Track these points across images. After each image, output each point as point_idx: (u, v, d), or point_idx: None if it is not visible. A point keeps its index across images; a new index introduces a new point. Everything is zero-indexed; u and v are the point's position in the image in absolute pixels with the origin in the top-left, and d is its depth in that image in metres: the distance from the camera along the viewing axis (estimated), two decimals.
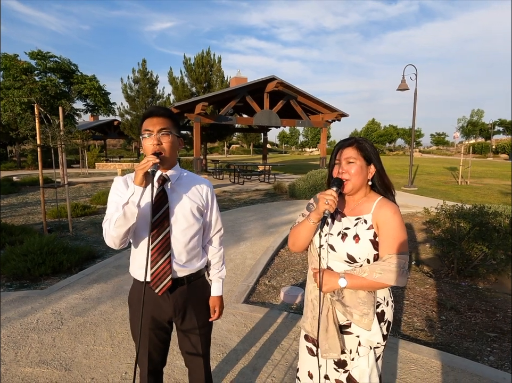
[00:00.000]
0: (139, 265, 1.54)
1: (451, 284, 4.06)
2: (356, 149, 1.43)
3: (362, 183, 1.44)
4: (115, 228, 1.36)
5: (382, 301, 1.43)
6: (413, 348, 2.65)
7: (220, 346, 2.72)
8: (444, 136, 71.44)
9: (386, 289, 1.45)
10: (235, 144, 65.01)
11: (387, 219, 1.37)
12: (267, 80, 12.65)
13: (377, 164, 1.44)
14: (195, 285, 1.63)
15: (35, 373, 2.38)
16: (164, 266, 1.50)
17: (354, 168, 1.42)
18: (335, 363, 1.46)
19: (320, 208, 1.34)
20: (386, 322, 1.43)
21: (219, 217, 1.73)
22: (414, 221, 7.65)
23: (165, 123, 1.47)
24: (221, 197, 10.78)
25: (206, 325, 1.70)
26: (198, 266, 1.63)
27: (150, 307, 1.56)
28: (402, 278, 1.33)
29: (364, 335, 1.39)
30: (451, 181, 15.30)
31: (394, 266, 1.32)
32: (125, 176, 1.54)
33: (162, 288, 1.51)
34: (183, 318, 1.62)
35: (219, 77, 20.69)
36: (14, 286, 3.94)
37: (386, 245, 1.36)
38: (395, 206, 1.42)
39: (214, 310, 1.71)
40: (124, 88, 24.23)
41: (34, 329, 2.93)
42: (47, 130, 6.18)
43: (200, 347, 1.69)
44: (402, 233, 1.36)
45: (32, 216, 7.89)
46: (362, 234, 1.39)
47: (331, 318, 1.41)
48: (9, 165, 23.43)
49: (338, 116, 13.85)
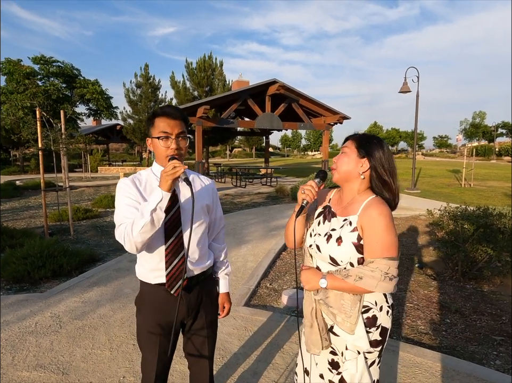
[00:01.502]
0: (151, 267, 1.50)
1: (455, 287, 4.00)
2: (354, 141, 1.42)
3: (348, 175, 1.40)
4: (140, 234, 1.31)
5: (373, 306, 1.37)
6: (417, 351, 2.60)
7: (220, 349, 2.67)
8: (446, 139, 71.27)
9: (380, 294, 1.39)
10: (237, 148, 65.13)
11: (371, 222, 1.31)
12: (269, 83, 12.66)
13: (372, 159, 1.37)
14: (206, 283, 1.64)
15: (32, 377, 2.34)
16: (179, 265, 1.49)
17: (342, 159, 1.41)
18: (329, 364, 1.43)
19: (298, 197, 1.41)
20: (378, 327, 1.37)
21: (222, 214, 1.78)
22: (417, 223, 7.57)
23: (182, 126, 1.48)
24: (223, 200, 10.75)
25: (214, 324, 1.70)
26: (208, 264, 1.63)
27: (163, 310, 1.52)
28: (385, 284, 1.27)
29: (349, 339, 1.36)
30: (454, 184, 15.20)
31: (375, 271, 1.27)
32: (132, 177, 1.51)
33: (178, 288, 1.49)
34: (194, 318, 1.61)
35: (221, 81, 20.75)
36: (14, 289, 3.91)
37: (368, 249, 1.31)
38: (383, 207, 1.33)
39: (223, 307, 1.74)
40: (126, 93, 24.37)
41: (32, 332, 2.90)
42: (48, 133, 6.19)
43: (207, 348, 1.67)
44: (387, 237, 1.29)
45: (34, 220, 7.89)
46: (345, 237, 1.35)
47: (315, 317, 1.40)
48: (13, 170, 23.52)
49: (340, 119, 13.82)
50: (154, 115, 1.49)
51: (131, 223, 1.34)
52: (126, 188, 1.45)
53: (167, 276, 1.47)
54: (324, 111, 14.04)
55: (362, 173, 1.39)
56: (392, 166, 1.41)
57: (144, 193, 1.48)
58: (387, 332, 1.42)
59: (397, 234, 1.33)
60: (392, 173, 1.41)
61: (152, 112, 1.52)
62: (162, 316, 1.52)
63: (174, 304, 1.51)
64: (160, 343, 1.54)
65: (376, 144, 1.40)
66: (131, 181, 1.48)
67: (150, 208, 1.29)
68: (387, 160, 1.39)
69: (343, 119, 13.89)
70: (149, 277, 1.52)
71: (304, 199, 1.38)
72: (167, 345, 1.56)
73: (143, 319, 1.56)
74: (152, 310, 1.53)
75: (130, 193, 1.44)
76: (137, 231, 1.31)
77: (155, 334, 1.53)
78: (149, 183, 1.51)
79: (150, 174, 1.54)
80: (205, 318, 1.62)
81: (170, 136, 1.43)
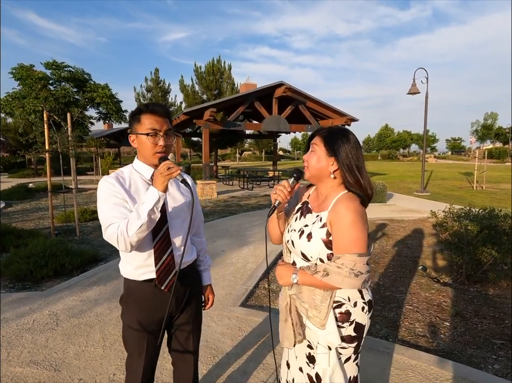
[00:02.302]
0: (138, 264, 1.50)
1: (458, 290, 3.90)
2: (322, 138, 1.40)
3: (319, 174, 1.40)
4: (137, 233, 1.31)
5: (346, 301, 1.35)
6: (412, 354, 2.54)
7: (212, 349, 2.66)
8: (459, 141, 69.99)
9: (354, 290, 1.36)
10: (247, 151, 65.27)
11: (338, 217, 1.29)
12: (276, 85, 12.67)
13: (339, 160, 1.34)
14: (191, 276, 1.66)
15: (25, 373, 2.38)
16: (168, 261, 1.50)
17: (313, 158, 1.40)
18: (307, 357, 1.42)
19: (271, 198, 1.43)
20: (352, 323, 1.35)
21: (201, 209, 1.81)
22: (424, 225, 7.44)
23: (168, 123, 1.50)
24: (229, 202, 10.77)
25: (198, 318, 1.72)
26: (192, 258, 1.66)
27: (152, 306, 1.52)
28: (351, 281, 1.26)
29: (320, 334, 1.35)
30: (465, 186, 14.90)
31: (341, 268, 1.26)
32: (115, 175, 1.47)
33: (168, 283, 1.50)
34: (181, 312, 1.62)
35: (229, 85, 20.90)
36: (16, 287, 3.99)
37: (336, 245, 1.30)
38: (351, 202, 1.30)
39: (208, 299, 1.79)
40: (137, 97, 24.76)
41: (29, 330, 2.94)
42: (55, 135, 6.32)
43: (192, 343, 1.68)
44: (354, 232, 1.26)
45: (43, 221, 8.04)
46: (314, 233, 1.35)
47: (289, 311, 1.41)
48: (27, 173, 24.07)
49: (347, 120, 13.73)
50: (139, 112, 1.47)
51: (124, 223, 1.32)
52: (112, 187, 1.42)
53: (157, 272, 1.47)
54: (331, 113, 13.97)
55: (333, 171, 1.38)
56: (360, 161, 1.38)
57: (129, 191, 1.46)
58: (363, 328, 1.39)
59: (367, 229, 1.31)
60: (360, 168, 1.37)
61: (137, 108, 1.50)
62: (150, 313, 1.52)
63: (163, 300, 1.52)
64: (149, 341, 1.53)
65: (343, 142, 1.36)
66: (115, 179, 1.45)
67: (147, 209, 1.29)
68: (355, 156, 1.36)
69: (350, 121, 13.79)
70: (135, 275, 1.51)
71: (276, 199, 1.39)
72: (155, 342, 1.55)
73: (131, 317, 1.55)
74: (140, 307, 1.52)
75: (116, 192, 1.41)
76: (133, 231, 1.30)
77: (144, 332, 1.52)
78: (134, 181, 1.50)
79: (133, 172, 1.52)
80: (190, 311, 1.64)
81: (159, 133, 1.44)
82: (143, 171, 1.52)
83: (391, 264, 4.82)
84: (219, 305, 3.41)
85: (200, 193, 11.81)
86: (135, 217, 1.31)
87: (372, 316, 3.20)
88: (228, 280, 4.15)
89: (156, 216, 1.34)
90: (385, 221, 8.00)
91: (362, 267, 1.27)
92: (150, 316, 1.53)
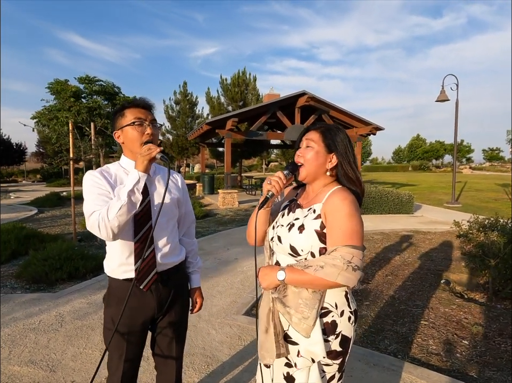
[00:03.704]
0: (120, 262, 1.47)
1: (483, 306, 3.59)
2: (319, 134, 1.31)
3: (317, 171, 1.32)
4: (117, 217, 1.28)
5: (333, 309, 1.23)
6: (421, 373, 2.33)
7: (208, 357, 2.58)
8: (498, 152, 66.41)
9: (341, 294, 1.26)
10: (274, 162, 65.31)
11: (334, 207, 1.21)
12: (298, 95, 12.63)
13: (339, 155, 1.29)
14: (177, 278, 1.60)
15: (22, 372, 2.40)
16: (149, 260, 1.46)
17: (310, 154, 1.30)
18: (284, 378, 1.29)
19: (263, 189, 1.31)
20: (338, 335, 1.23)
21: (192, 209, 1.75)
22: (453, 238, 6.99)
23: (153, 115, 1.50)
24: (249, 211, 10.72)
25: (183, 322, 1.65)
26: (179, 259, 1.60)
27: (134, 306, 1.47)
28: (347, 274, 1.14)
29: (303, 344, 1.22)
30: (502, 198, 14.00)
31: (337, 259, 1.14)
32: (100, 170, 1.48)
33: (148, 283, 1.46)
34: (164, 314, 1.56)
35: (254, 96, 21.11)
36: (32, 289, 4.11)
37: (330, 236, 1.20)
38: (348, 194, 1.25)
39: (196, 302, 1.70)
40: (166, 109, 25.55)
41: (34, 330, 2.99)
42: (80, 144, 6.60)
43: (175, 348, 1.61)
44: (350, 223, 1.18)
45: (68, 227, 8.35)
46: (307, 224, 1.25)
47: (271, 319, 1.27)
48: (62, 182, 25.31)
49: (372, 129, 13.39)
50: (123, 108, 1.47)
51: (105, 208, 1.30)
52: (96, 179, 1.42)
53: (137, 270, 1.43)
54: (356, 122, 13.70)
55: (330, 169, 1.31)
56: (355, 157, 1.35)
57: (114, 186, 1.45)
58: (349, 342, 1.26)
59: (362, 223, 1.22)
60: (356, 165, 1.34)
61: (121, 105, 1.50)
62: (131, 314, 1.47)
63: (144, 301, 1.48)
64: (129, 342, 1.49)
65: (342, 137, 1.32)
66: (100, 173, 1.45)
67: (127, 189, 1.27)
68: (351, 153, 1.32)
69: (376, 130, 13.44)
70: (117, 273, 1.49)
71: (269, 191, 1.28)
72: (136, 343, 1.51)
73: (111, 316, 1.51)
74: (121, 307, 1.46)
75: (100, 185, 1.41)
76: (113, 214, 1.27)
77: (124, 332, 1.47)
78: (119, 176, 1.49)
79: (119, 168, 1.52)
80: (174, 315, 1.57)
81: (145, 122, 1.42)
82: (129, 167, 1.49)
83: (410, 277, 4.54)
84: (222, 313, 3.33)
85: (221, 203, 11.86)
86: (115, 200, 1.30)
87: (382, 330, 3.01)
88: (235, 287, 4.07)
89: (136, 198, 1.30)
90: (409, 232, 7.64)
91: (359, 262, 1.16)
92: (131, 318, 1.47)
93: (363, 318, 3.26)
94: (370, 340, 2.86)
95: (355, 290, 4.01)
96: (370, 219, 9.16)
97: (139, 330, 1.51)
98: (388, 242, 6.64)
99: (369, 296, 3.84)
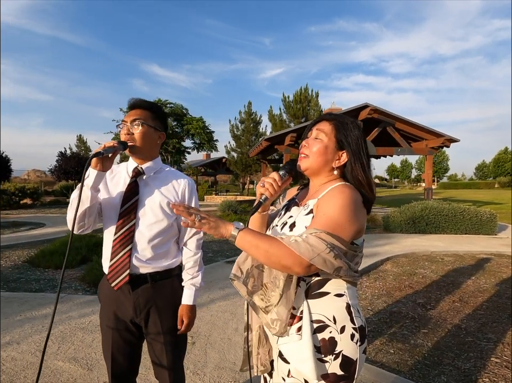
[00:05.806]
0: (105, 257, 1.52)
1: None
2: (332, 126, 1.18)
3: (321, 167, 1.18)
4: (69, 210, 1.38)
5: (330, 323, 1.06)
6: None
7: (236, 373, 2.46)
8: None
9: (341, 306, 1.08)
10: None
11: (327, 197, 1.07)
12: (360, 107, 12.18)
13: (350, 154, 1.15)
14: (161, 285, 1.53)
15: (64, 367, 2.54)
16: (123, 259, 1.45)
17: (317, 146, 1.17)
18: None
19: (256, 192, 1.19)
20: (338, 355, 1.04)
21: None
22: None
23: (141, 114, 1.48)
24: None
25: (173, 333, 1.55)
26: (165, 265, 1.53)
27: (114, 304, 1.51)
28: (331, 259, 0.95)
29: (293, 362, 1.06)
30: None
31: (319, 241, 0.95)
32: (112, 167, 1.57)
33: (119, 282, 1.45)
34: (146, 321, 1.52)
35: (316, 111, 21.00)
36: (91, 291, 4.43)
37: (313, 220, 1.05)
38: (351, 190, 1.08)
39: (182, 321, 1.54)
40: (231, 128, 26.75)
41: (83, 329, 3.19)
42: None
43: (165, 358, 1.54)
44: (339, 215, 1.01)
45: None
46: (298, 221, 1.12)
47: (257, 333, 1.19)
48: None
49: (445, 141, 12.24)
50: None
51: None
52: None
53: (110, 268, 1.44)
54: (425, 134, 12.69)
55: (336, 167, 1.17)
56: (369, 159, 1.19)
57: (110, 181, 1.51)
58: (353, 365, 1.06)
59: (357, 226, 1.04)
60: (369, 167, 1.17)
61: None
62: (113, 309, 1.49)
63: (121, 299, 1.47)
64: (113, 338, 1.49)
65: (357, 135, 1.17)
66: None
67: (79, 185, 1.31)
68: (365, 154, 1.16)
69: (449, 142, 12.29)
70: (104, 267, 1.52)
71: (262, 194, 1.17)
72: (121, 343, 1.50)
73: (100, 309, 1.58)
74: (106, 301, 1.52)
75: None
76: (68, 208, 1.37)
77: (109, 327, 1.50)
78: (118, 174, 1.54)
79: (123, 166, 1.57)
80: (160, 324, 1.50)
81: (126, 123, 1.45)
82: (129, 166, 1.54)
83: (484, 305, 3.90)
84: None
85: None
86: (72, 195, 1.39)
87: (439, 364, 2.57)
88: None
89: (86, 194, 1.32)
90: (490, 255, 6.68)
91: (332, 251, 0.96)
92: (113, 312, 1.49)
93: (417, 348, 2.85)
94: (422, 373, 2.47)
95: (408, 314, 3.56)
96: (441, 239, 8.26)
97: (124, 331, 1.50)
98: (461, 264, 5.87)
99: (428, 323, 3.37)
